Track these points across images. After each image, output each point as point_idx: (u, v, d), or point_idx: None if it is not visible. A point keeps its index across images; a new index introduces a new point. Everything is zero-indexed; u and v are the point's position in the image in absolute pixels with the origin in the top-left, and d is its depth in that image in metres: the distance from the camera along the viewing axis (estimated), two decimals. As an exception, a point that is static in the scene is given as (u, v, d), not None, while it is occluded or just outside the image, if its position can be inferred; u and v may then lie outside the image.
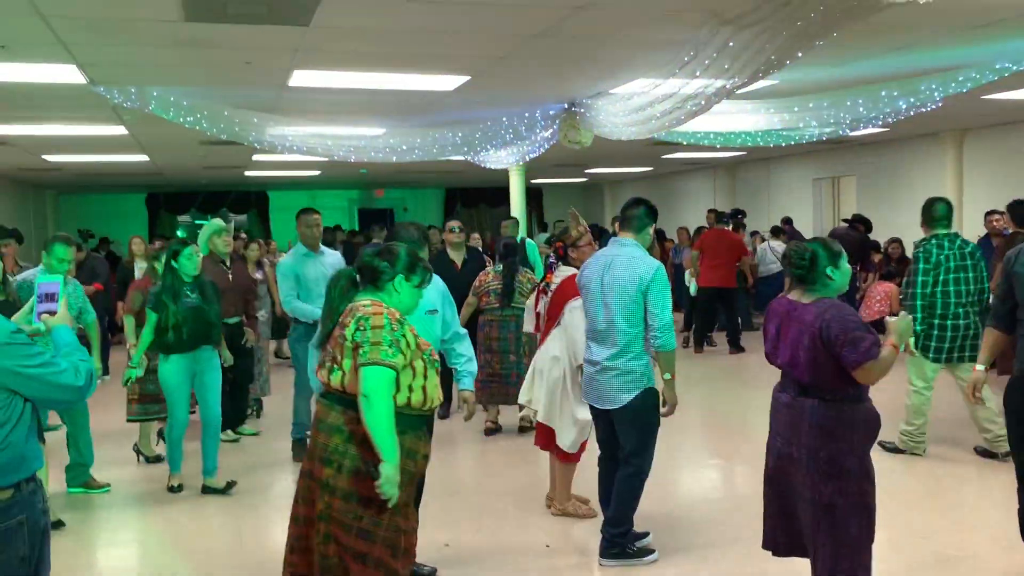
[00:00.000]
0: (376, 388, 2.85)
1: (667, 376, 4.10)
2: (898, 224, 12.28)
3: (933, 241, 5.84)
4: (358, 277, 3.20)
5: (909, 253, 11.11)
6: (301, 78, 6.75)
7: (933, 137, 12.55)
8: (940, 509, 5.04)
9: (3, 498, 2.37)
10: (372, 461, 2.87)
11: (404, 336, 2.96)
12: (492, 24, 5.41)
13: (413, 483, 3.06)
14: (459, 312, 5.11)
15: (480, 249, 9.29)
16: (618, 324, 4.08)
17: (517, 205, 13.11)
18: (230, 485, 5.54)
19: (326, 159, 9.47)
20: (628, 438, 4.17)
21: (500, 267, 6.88)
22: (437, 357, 3.17)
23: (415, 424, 3.05)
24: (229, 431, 6.74)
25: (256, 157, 12.46)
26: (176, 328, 5.29)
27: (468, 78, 6.99)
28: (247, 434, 7.03)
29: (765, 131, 8.47)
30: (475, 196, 21.89)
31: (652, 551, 4.27)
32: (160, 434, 6.44)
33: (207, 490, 5.50)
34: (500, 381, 6.81)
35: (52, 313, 2.65)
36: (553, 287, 4.91)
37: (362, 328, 2.92)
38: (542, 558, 4.42)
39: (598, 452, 4.43)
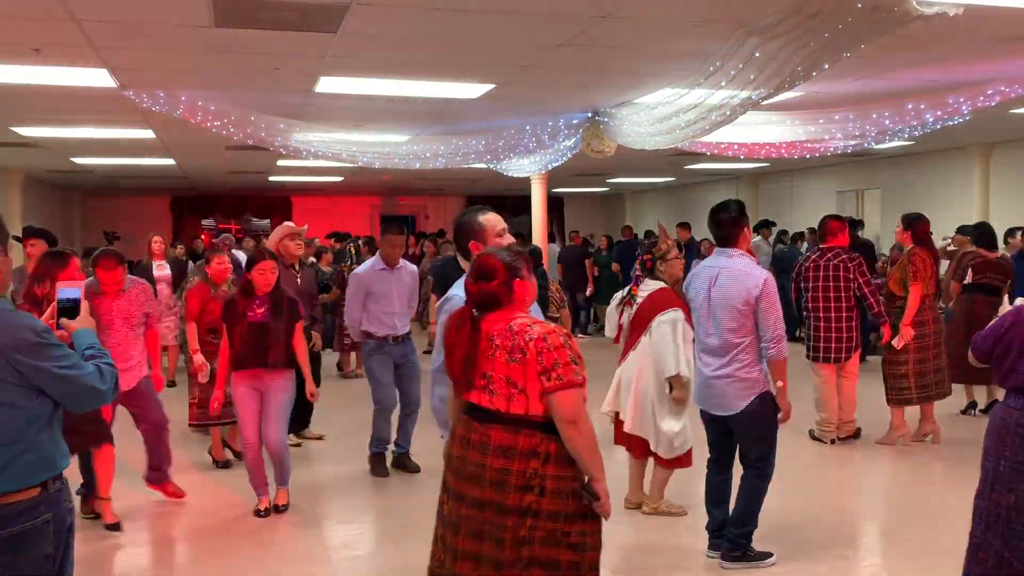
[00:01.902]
0: (580, 410, 2.72)
1: (779, 384, 4.17)
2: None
3: None
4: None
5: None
6: (328, 84, 6.81)
7: (960, 151, 12.44)
8: None
9: (30, 497, 2.40)
10: (570, 477, 2.76)
11: (573, 348, 2.78)
12: (517, 33, 5.43)
13: None
14: None
15: None
16: (728, 337, 4.17)
17: (538, 214, 13.11)
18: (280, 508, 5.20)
19: (350, 165, 9.53)
20: (749, 444, 4.26)
21: None
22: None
23: None
24: (292, 435, 6.48)
25: (281, 162, 12.56)
26: (239, 344, 4.95)
27: (493, 86, 7.02)
28: (311, 437, 6.97)
29: (789, 143, 8.44)
30: (496, 204, 21.71)
31: (770, 554, 4.34)
32: (225, 442, 6.37)
33: (278, 509, 5.19)
34: None
35: (73, 317, 2.67)
36: (639, 299, 4.98)
37: (546, 349, 2.72)
38: (648, 555, 4.54)
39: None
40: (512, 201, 21.01)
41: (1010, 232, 9.09)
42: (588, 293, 13.52)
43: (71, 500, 2.58)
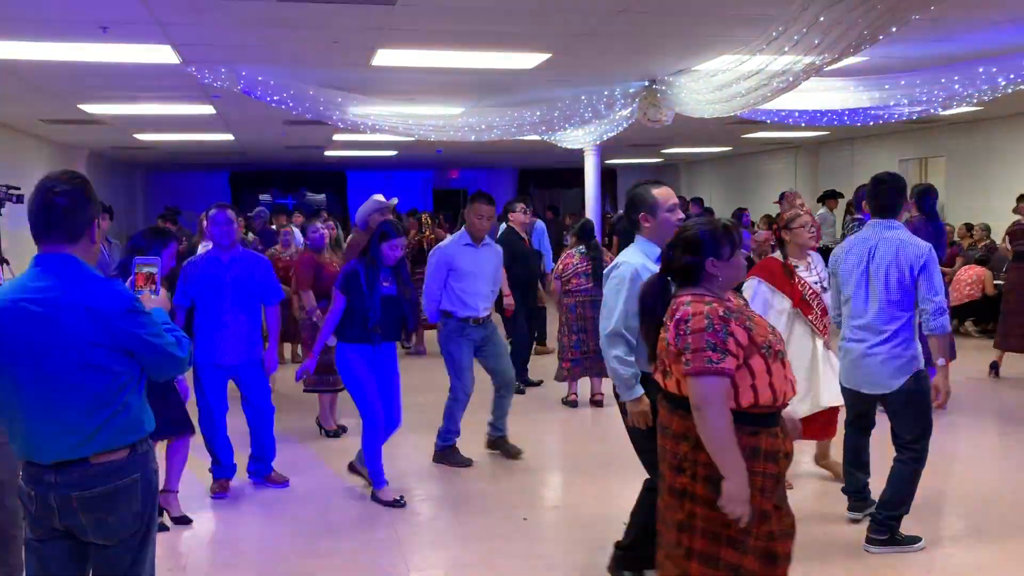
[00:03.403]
0: (706, 398, 2.58)
1: (940, 362, 4.06)
2: (991, 208, 11.80)
3: None
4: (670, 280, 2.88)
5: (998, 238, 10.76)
6: (385, 57, 6.84)
7: (1030, 116, 12.00)
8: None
9: (120, 457, 2.50)
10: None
11: (732, 335, 2.62)
12: (575, 0, 5.38)
13: (780, 484, 2.73)
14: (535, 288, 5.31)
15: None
16: (889, 311, 4.05)
17: (591, 186, 13.03)
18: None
19: (406, 138, 9.58)
20: (905, 424, 4.14)
21: (583, 249, 7.00)
22: (782, 347, 2.78)
23: (768, 422, 2.70)
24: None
25: (336, 137, 12.68)
26: (365, 318, 4.79)
27: (549, 56, 6.98)
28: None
29: (852, 110, 8.22)
30: (548, 177, 21.84)
31: (919, 539, 4.19)
32: (332, 408, 6.44)
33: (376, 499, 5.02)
34: (596, 357, 6.88)
35: (152, 294, 2.68)
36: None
37: (682, 333, 2.65)
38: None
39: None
40: (565, 174, 20.93)
41: None
42: None
43: (156, 462, 2.67)
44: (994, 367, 8.00)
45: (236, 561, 4.32)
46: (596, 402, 7.26)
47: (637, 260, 3.52)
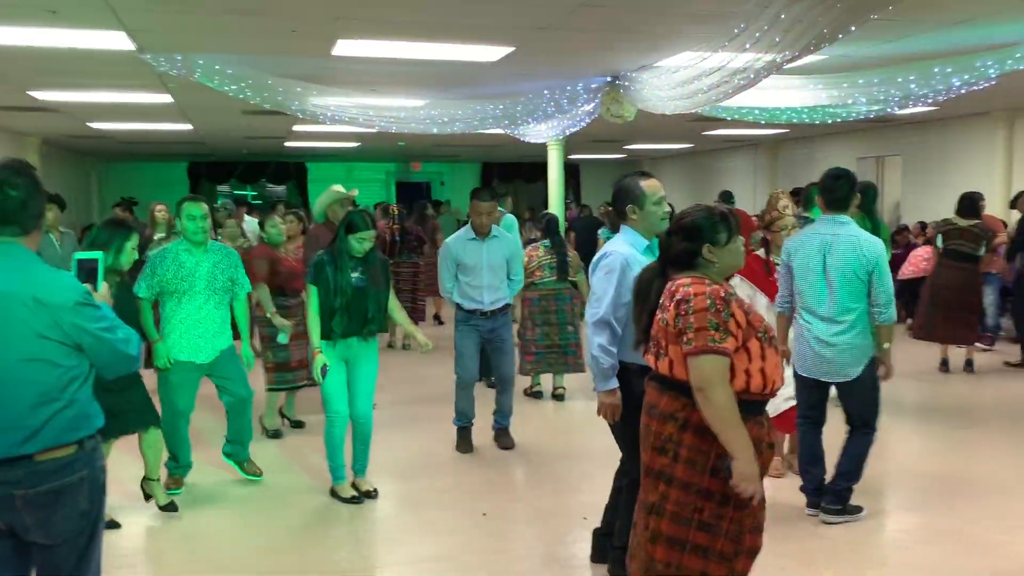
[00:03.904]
0: (709, 378, 2.59)
1: (886, 345, 4.35)
2: (946, 207, 11.99)
3: None
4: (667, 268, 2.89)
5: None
6: (345, 47, 6.75)
7: (983, 116, 12.24)
8: None
9: (67, 454, 2.43)
10: (712, 451, 2.64)
11: (732, 316, 2.65)
12: (539, -6, 5.36)
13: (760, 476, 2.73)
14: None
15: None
16: (846, 303, 4.27)
17: (555, 181, 13.03)
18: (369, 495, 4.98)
19: (367, 130, 9.49)
20: (860, 407, 4.41)
21: (547, 243, 7.01)
22: (775, 333, 2.85)
23: (755, 410, 2.73)
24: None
25: (296, 128, 12.53)
26: (333, 312, 4.67)
27: (512, 49, 6.94)
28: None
29: (811, 108, 8.32)
30: (512, 171, 21.82)
31: (862, 508, 4.52)
32: (280, 411, 6.43)
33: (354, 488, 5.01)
34: (559, 351, 7.09)
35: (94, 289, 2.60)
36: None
37: (683, 312, 2.65)
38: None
39: None
40: (528, 168, 20.93)
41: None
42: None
43: (104, 458, 2.60)
44: (945, 363, 8.19)
45: (190, 557, 4.23)
46: (557, 396, 7.30)
47: (625, 249, 3.56)
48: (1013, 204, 9.29)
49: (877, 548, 4.26)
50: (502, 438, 6.00)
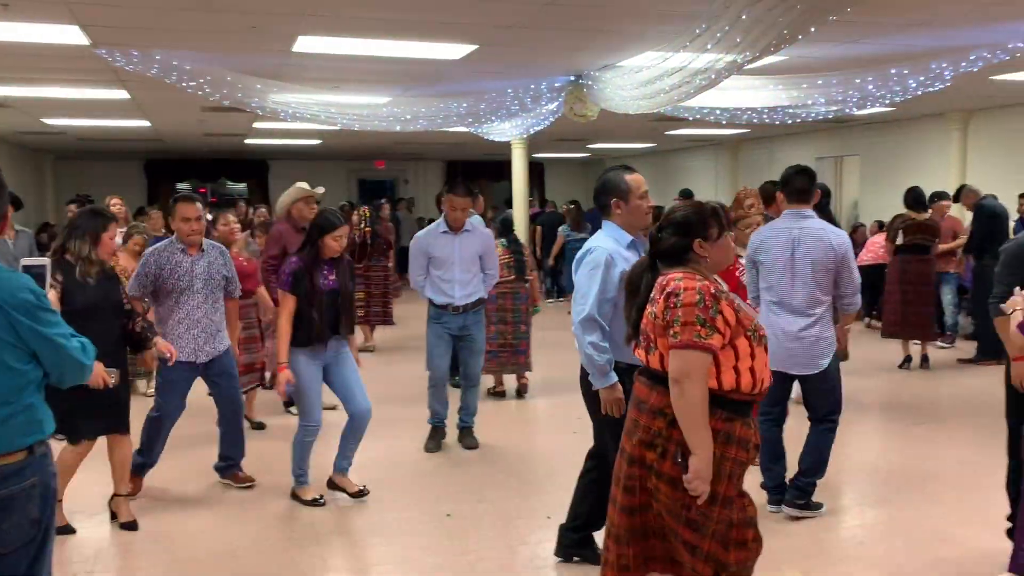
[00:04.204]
0: (688, 372, 2.58)
1: (847, 328, 4.55)
2: (898, 206, 12.22)
3: None
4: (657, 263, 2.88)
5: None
6: (306, 44, 6.68)
7: (938, 117, 12.47)
8: None
9: (17, 460, 2.36)
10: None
11: (721, 313, 2.64)
12: (502, -8, 5.34)
13: (743, 474, 2.76)
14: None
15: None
16: (815, 295, 4.34)
17: (519, 179, 13.03)
18: (362, 493, 4.92)
19: (329, 128, 9.40)
20: (825, 398, 4.46)
21: (504, 241, 7.00)
22: (765, 333, 2.83)
23: (743, 410, 2.73)
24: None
25: (256, 125, 12.36)
26: (311, 319, 4.55)
27: (475, 47, 6.92)
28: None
29: (771, 108, 8.41)
30: (476, 170, 21.77)
31: (822, 505, 4.57)
32: (250, 404, 6.30)
33: (333, 486, 4.95)
34: (511, 351, 7.09)
35: None
36: None
37: (672, 306, 2.65)
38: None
39: None
40: (492, 166, 20.89)
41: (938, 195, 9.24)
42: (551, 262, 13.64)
43: (55, 465, 2.54)
44: (908, 360, 8.32)
45: (149, 562, 4.15)
46: (520, 391, 7.35)
47: (609, 245, 3.51)
48: (956, 198, 9.46)
49: (838, 544, 4.31)
50: (466, 438, 5.95)
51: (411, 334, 9.74)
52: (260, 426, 6.41)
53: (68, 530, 4.35)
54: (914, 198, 8.34)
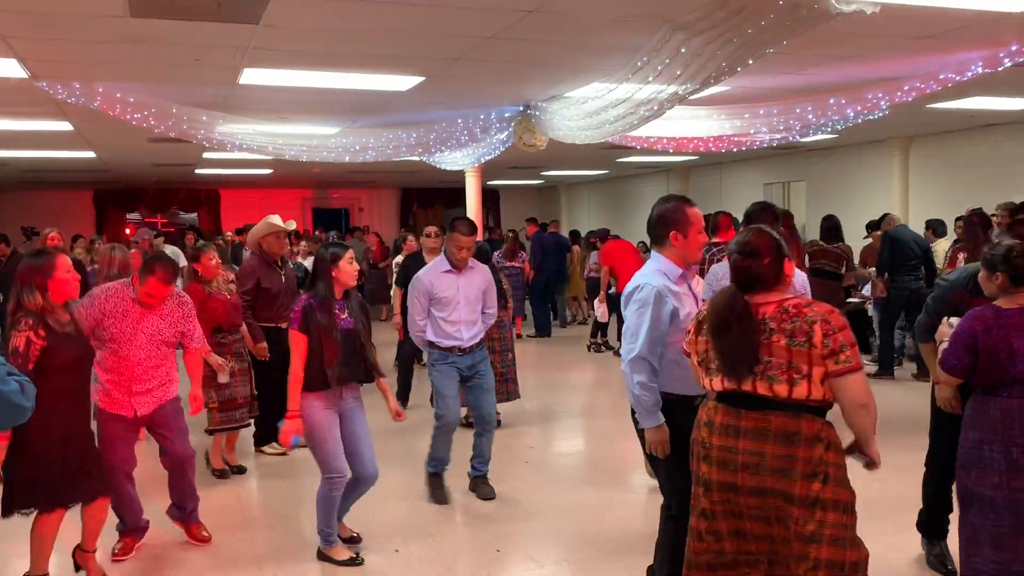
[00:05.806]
0: (870, 392, 2.71)
1: None
2: (847, 229, 12.49)
3: None
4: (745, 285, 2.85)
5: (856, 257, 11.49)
6: (252, 76, 6.65)
7: (881, 144, 12.83)
8: None
9: None
10: (845, 464, 2.77)
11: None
12: (445, 25, 5.38)
13: None
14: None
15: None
16: None
17: (473, 207, 13.07)
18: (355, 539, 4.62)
19: (277, 158, 9.34)
20: None
21: None
22: None
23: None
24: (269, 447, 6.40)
25: (207, 155, 12.26)
26: (326, 361, 4.16)
27: (423, 79, 6.96)
28: (276, 453, 6.45)
29: (716, 136, 8.58)
30: (431, 197, 21.80)
31: None
32: (231, 445, 6.08)
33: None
34: (501, 379, 6.71)
35: None
36: None
37: (829, 332, 2.66)
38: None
39: None
40: (447, 194, 20.94)
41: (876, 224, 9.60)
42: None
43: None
44: None
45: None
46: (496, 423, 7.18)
47: (657, 280, 3.36)
48: (876, 226, 9.82)
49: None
50: (482, 487, 5.39)
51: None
52: (241, 470, 6.05)
53: None
54: (826, 228, 8.66)
